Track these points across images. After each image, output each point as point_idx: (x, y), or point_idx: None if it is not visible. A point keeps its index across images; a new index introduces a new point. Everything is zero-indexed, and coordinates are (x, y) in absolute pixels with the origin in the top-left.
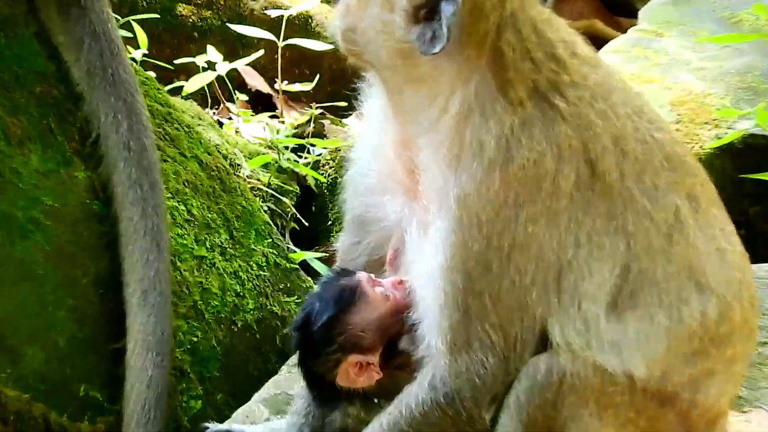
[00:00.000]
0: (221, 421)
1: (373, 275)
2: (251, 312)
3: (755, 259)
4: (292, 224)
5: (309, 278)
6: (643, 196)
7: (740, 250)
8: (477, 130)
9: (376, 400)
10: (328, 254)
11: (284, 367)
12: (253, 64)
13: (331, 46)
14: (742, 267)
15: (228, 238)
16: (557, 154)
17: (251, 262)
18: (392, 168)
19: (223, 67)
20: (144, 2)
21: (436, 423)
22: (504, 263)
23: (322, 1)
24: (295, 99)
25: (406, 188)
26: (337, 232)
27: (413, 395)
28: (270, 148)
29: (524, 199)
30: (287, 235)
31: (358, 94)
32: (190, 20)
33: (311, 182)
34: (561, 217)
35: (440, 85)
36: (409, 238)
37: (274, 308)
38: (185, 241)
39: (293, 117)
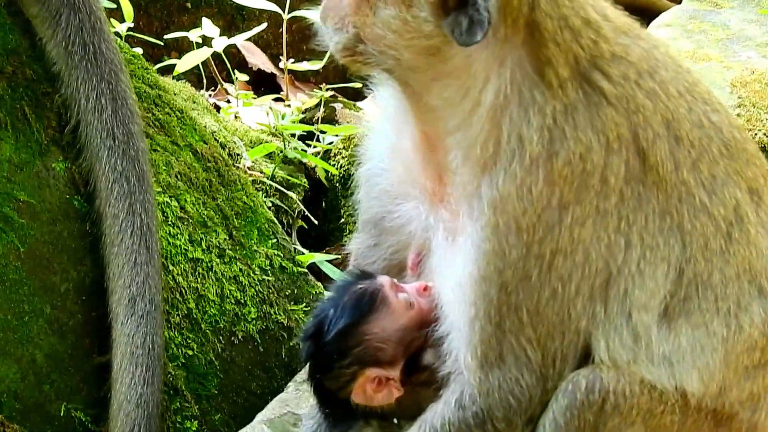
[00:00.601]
0: None
1: (395, 280)
2: (253, 322)
3: None
4: (300, 222)
5: (319, 283)
6: (700, 189)
7: None
8: (515, 123)
9: (395, 421)
10: (340, 257)
11: (291, 384)
12: (254, 40)
13: None
14: None
15: (227, 238)
16: (605, 145)
17: (253, 266)
18: (413, 170)
19: (220, 43)
20: None
21: None
22: (545, 273)
23: None
24: (302, 79)
25: (430, 192)
26: (350, 231)
27: (438, 415)
28: (274, 135)
29: (570, 199)
30: (294, 235)
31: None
32: None
33: (321, 174)
34: (610, 218)
35: (472, 77)
36: (436, 244)
37: (279, 317)
38: (178, 242)
39: (300, 100)
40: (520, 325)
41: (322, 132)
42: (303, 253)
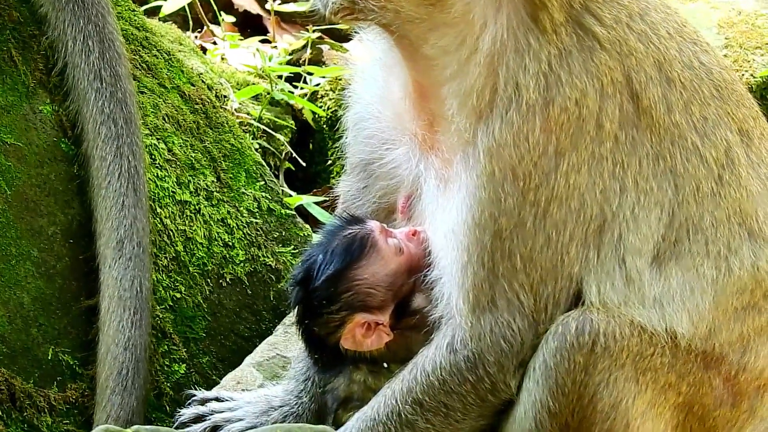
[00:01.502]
0: (208, 388)
1: (385, 225)
2: (241, 264)
3: None
4: (287, 164)
5: (306, 226)
6: (692, 131)
7: None
8: (512, 70)
9: (385, 365)
10: (328, 199)
11: (280, 327)
12: None
13: None
14: None
15: (214, 180)
16: (599, 90)
17: (241, 208)
18: (404, 118)
19: None
20: None
21: (456, 391)
22: (540, 219)
23: None
24: (288, 21)
25: (420, 140)
26: (338, 172)
27: (430, 359)
28: (261, 77)
29: (566, 146)
30: (281, 177)
31: None
32: None
33: (308, 116)
34: (605, 163)
35: (470, 24)
36: (427, 190)
37: (267, 260)
38: (166, 184)
39: (287, 41)
40: (513, 270)
41: (309, 74)
42: (291, 195)
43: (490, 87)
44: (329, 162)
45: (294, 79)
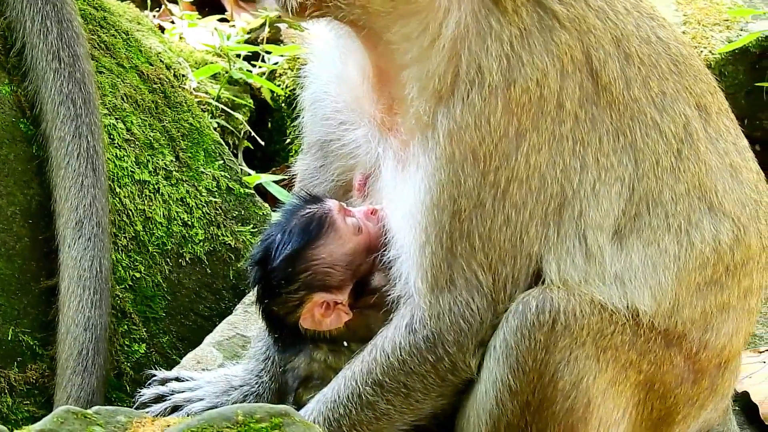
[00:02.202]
0: (168, 367)
1: (344, 204)
2: (201, 243)
3: None
4: (246, 143)
5: (266, 204)
6: (650, 106)
7: (755, 168)
8: (474, 53)
9: (345, 344)
10: (287, 177)
11: (239, 306)
12: None
13: None
14: (758, 186)
15: (173, 159)
16: (560, 70)
17: (200, 187)
18: (362, 100)
19: None
20: None
21: (416, 371)
22: (499, 200)
23: None
24: None
25: (379, 122)
26: (296, 151)
27: (389, 339)
28: (219, 56)
29: (527, 127)
30: (240, 156)
31: None
32: None
33: (267, 95)
34: (566, 142)
35: (434, 11)
36: (385, 171)
37: (226, 239)
38: (125, 164)
39: (245, 20)
40: (472, 250)
41: (268, 52)
42: (249, 174)
43: (452, 70)
44: (288, 141)
45: (252, 58)
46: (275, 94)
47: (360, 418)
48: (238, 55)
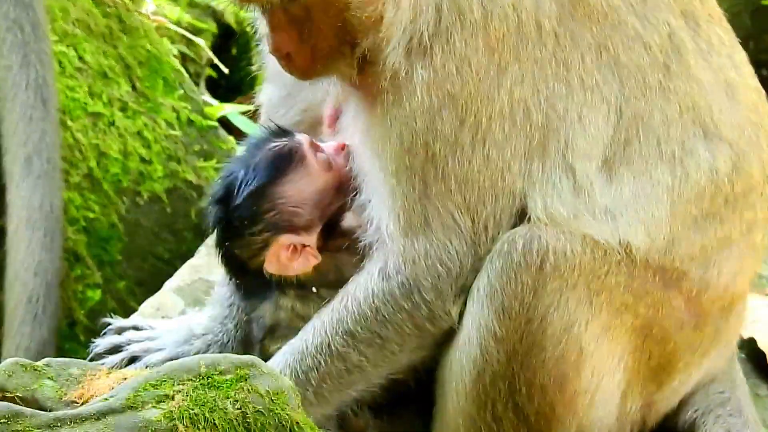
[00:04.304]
0: (125, 315)
1: (314, 139)
2: (159, 180)
3: None
4: (209, 71)
5: (230, 138)
6: (630, 14)
7: (755, 85)
8: None
9: (314, 290)
10: (253, 108)
11: (202, 248)
12: None
13: None
14: (758, 107)
15: (130, 90)
16: None
17: (159, 119)
18: None
19: None
20: None
21: (390, 320)
22: (479, 140)
23: None
24: None
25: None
26: (263, 79)
27: (362, 286)
28: None
29: (508, 60)
30: (202, 85)
31: None
32: None
33: (230, 19)
34: (549, 66)
35: None
36: (355, 106)
37: (187, 175)
38: (77, 95)
39: None
40: (447, 192)
41: None
42: (212, 105)
43: (433, 20)
44: (254, 68)
45: None
46: (240, 18)
47: (330, 370)
48: None
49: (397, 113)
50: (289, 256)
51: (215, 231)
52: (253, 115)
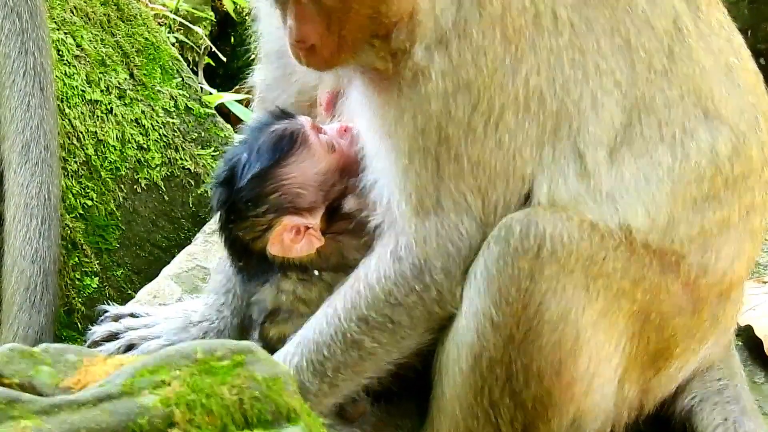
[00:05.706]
0: (122, 303)
1: (315, 121)
2: (157, 168)
3: None
4: (207, 59)
5: (228, 126)
6: None
7: (753, 67)
8: None
9: (316, 273)
10: (250, 96)
11: (200, 235)
12: None
13: None
14: (756, 89)
15: (127, 77)
16: None
17: (156, 107)
18: None
19: None
20: None
21: (402, 303)
22: (492, 126)
23: None
24: None
25: None
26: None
27: (373, 270)
28: None
29: (524, 50)
30: (200, 73)
31: None
32: None
33: (229, 7)
34: (565, 54)
35: None
36: (358, 89)
37: (185, 163)
38: (75, 83)
39: None
40: (460, 172)
41: None
42: (210, 93)
43: (454, 10)
44: (252, 57)
45: None
46: (238, 6)
47: (345, 359)
48: None
49: (412, 95)
50: (292, 238)
51: (218, 213)
52: (250, 103)
